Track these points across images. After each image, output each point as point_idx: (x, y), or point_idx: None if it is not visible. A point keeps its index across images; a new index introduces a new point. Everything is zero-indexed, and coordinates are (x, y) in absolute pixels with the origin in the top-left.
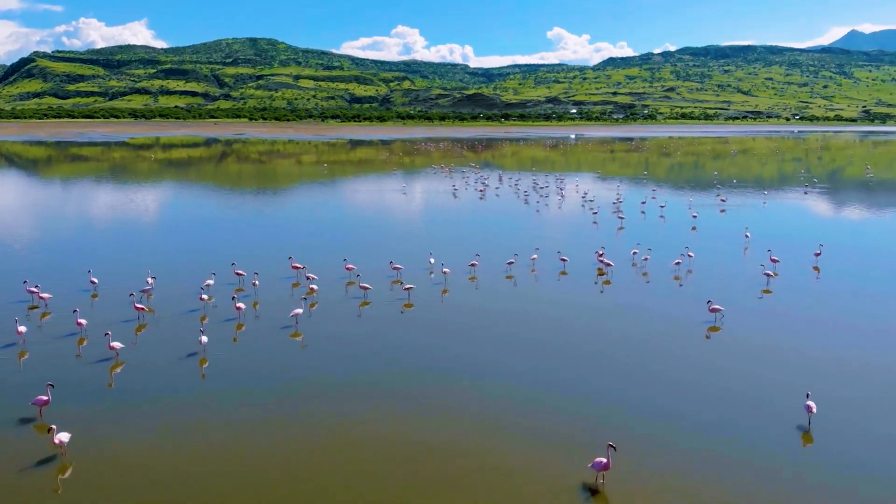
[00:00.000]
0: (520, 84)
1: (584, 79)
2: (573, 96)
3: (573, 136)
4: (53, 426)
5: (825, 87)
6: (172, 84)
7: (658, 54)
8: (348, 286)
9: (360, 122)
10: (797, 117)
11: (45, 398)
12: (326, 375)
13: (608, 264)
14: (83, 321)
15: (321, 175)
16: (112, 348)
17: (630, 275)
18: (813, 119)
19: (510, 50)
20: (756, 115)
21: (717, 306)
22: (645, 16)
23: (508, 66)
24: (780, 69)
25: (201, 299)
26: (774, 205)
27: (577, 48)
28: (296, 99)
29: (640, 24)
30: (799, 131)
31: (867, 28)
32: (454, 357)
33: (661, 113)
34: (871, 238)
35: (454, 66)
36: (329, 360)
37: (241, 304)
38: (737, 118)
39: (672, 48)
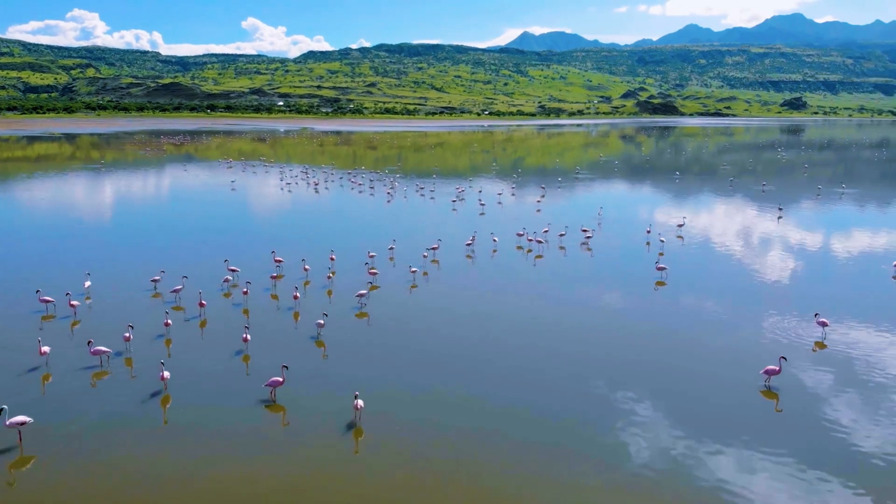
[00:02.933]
0: (220, 74)
1: (287, 71)
2: (277, 88)
3: (283, 130)
4: (357, 392)
5: (506, 84)
6: None
7: (356, 50)
8: (330, 277)
9: (43, 113)
10: (486, 112)
11: (279, 379)
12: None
13: (540, 241)
14: (170, 321)
15: (91, 167)
16: (245, 340)
17: (550, 250)
18: (499, 114)
19: (204, 38)
20: (451, 110)
21: (662, 265)
22: (340, 11)
23: (205, 56)
24: (466, 67)
25: (248, 293)
26: (568, 189)
27: (273, 40)
28: None
29: (336, 18)
30: (489, 125)
31: (537, 30)
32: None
33: (366, 108)
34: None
35: (144, 53)
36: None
37: (297, 294)
38: (435, 113)
39: (367, 44)
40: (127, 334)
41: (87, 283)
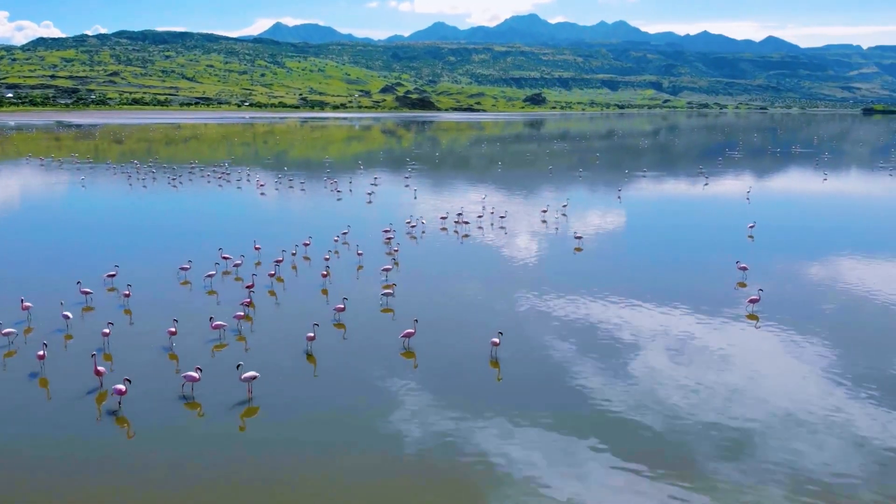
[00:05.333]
0: None
1: (14, 60)
2: (4, 79)
3: (13, 123)
4: (500, 332)
5: (263, 75)
6: None
7: (93, 36)
8: (306, 260)
9: None
10: (246, 104)
11: (412, 331)
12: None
13: (465, 223)
14: (250, 300)
15: None
16: (339, 309)
17: (470, 230)
18: (261, 106)
19: None
20: (207, 101)
21: (580, 234)
22: None
23: None
24: (219, 57)
25: (275, 274)
26: (423, 180)
27: None
28: None
29: (66, 3)
30: (251, 117)
31: (290, 21)
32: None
33: (111, 98)
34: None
35: None
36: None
37: (324, 272)
38: (190, 104)
39: (104, 31)
40: (241, 312)
41: (113, 274)
